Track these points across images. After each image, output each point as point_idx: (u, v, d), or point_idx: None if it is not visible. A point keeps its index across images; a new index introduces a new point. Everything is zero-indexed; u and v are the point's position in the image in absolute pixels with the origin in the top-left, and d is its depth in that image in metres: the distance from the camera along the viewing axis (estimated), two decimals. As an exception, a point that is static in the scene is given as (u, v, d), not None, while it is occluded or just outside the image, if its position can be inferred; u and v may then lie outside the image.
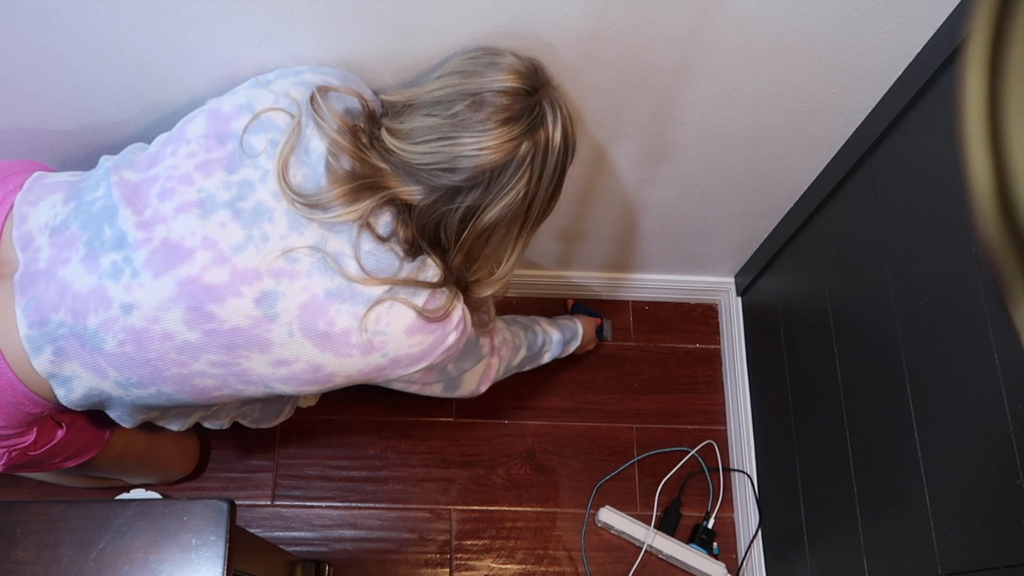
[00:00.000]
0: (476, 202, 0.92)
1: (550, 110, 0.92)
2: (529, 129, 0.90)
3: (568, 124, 0.94)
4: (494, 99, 0.89)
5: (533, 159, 0.92)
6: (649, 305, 1.74)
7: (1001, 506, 0.88)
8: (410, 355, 0.98)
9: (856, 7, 0.95)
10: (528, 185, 0.93)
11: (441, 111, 0.90)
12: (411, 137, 0.91)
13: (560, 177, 0.97)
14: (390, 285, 0.93)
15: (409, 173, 0.92)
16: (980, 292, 0.92)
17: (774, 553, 1.48)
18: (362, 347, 0.94)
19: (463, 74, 0.92)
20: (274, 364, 0.94)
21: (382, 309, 0.93)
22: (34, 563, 0.81)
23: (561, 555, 1.54)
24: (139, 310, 0.90)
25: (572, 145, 0.97)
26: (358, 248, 0.92)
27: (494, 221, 0.94)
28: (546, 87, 0.93)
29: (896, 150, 1.10)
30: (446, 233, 0.95)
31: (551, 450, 1.61)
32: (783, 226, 1.43)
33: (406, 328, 0.95)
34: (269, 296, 0.91)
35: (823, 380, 1.29)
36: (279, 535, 1.51)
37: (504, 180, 0.91)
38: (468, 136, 0.89)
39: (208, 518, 0.84)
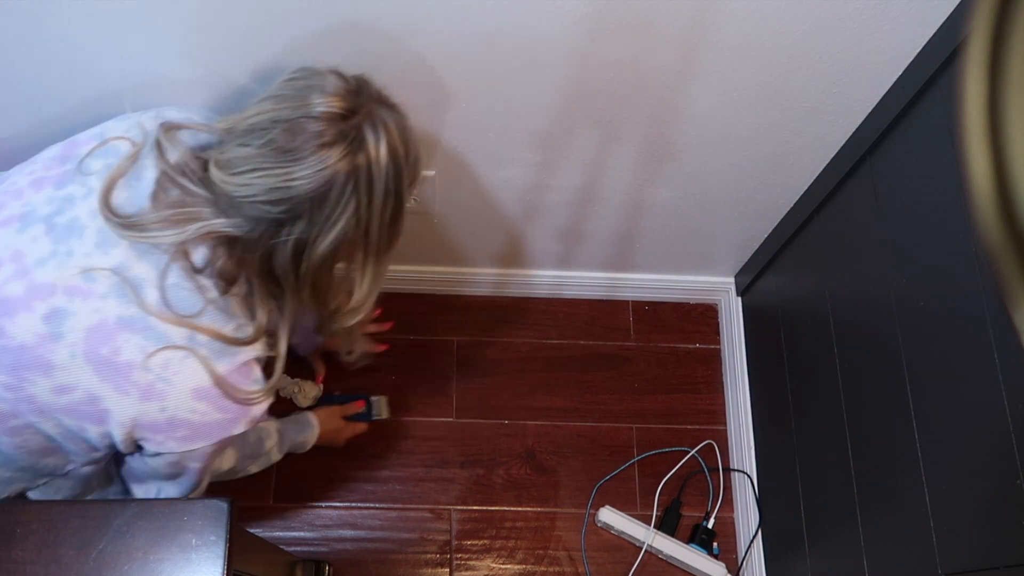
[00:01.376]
0: (303, 234, 0.87)
1: (371, 132, 0.86)
2: (347, 154, 0.85)
3: (397, 144, 0.88)
4: (307, 125, 0.84)
5: (357, 185, 0.86)
6: (649, 305, 1.74)
7: (1001, 506, 0.88)
8: (190, 422, 0.91)
9: (856, 7, 0.95)
10: (358, 212, 0.87)
11: (254, 140, 0.85)
12: (229, 168, 0.86)
13: (397, 200, 0.91)
14: (190, 330, 0.88)
15: (231, 205, 0.87)
16: (980, 292, 0.92)
17: (774, 553, 1.48)
18: (142, 389, 0.88)
19: (278, 99, 0.87)
20: (55, 391, 0.89)
21: (174, 355, 0.87)
22: (34, 563, 0.81)
23: (561, 555, 1.54)
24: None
25: (407, 165, 0.91)
26: (164, 277, 0.87)
27: (329, 251, 0.89)
28: (368, 108, 0.87)
29: (896, 150, 1.10)
30: (282, 268, 0.90)
31: (551, 450, 1.61)
32: (783, 226, 1.43)
33: (194, 388, 0.89)
34: (58, 313, 0.87)
35: (823, 380, 1.29)
36: (279, 535, 1.51)
37: (328, 210, 0.86)
38: (281, 167, 0.84)
39: (208, 518, 0.84)
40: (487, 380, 1.65)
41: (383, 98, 0.91)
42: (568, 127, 1.17)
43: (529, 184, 1.32)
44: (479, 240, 1.52)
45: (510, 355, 1.68)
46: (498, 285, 1.68)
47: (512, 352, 1.68)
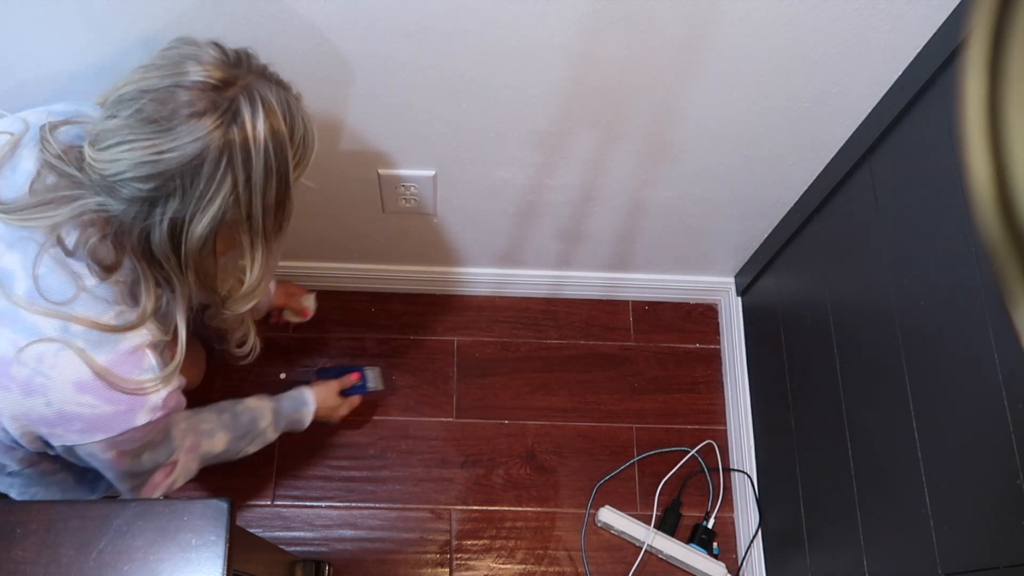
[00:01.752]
0: (178, 213, 0.82)
1: (247, 104, 0.81)
2: (220, 126, 0.80)
3: (279, 121, 0.84)
4: (179, 95, 0.79)
5: (232, 161, 0.81)
6: (649, 305, 1.74)
7: (1001, 506, 0.88)
8: (81, 416, 0.87)
9: (856, 7, 0.95)
10: (236, 190, 0.83)
11: (123, 111, 0.80)
12: (97, 143, 0.82)
13: (281, 180, 0.86)
14: (63, 320, 0.83)
15: (104, 186, 0.82)
16: (980, 292, 0.92)
17: (774, 553, 1.48)
18: (21, 384, 0.84)
19: (150, 68, 0.82)
20: None
21: (47, 349, 0.83)
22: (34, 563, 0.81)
23: (561, 555, 1.54)
24: None
25: (293, 145, 0.86)
26: (35, 266, 0.83)
27: (207, 232, 0.84)
28: (247, 79, 0.82)
29: (896, 150, 1.10)
30: (161, 251, 0.85)
31: (551, 450, 1.61)
32: (783, 226, 1.43)
33: (75, 381, 0.85)
34: None
35: (823, 380, 1.29)
36: (279, 535, 1.51)
37: (201, 187, 0.81)
38: (148, 139, 0.79)
39: (208, 518, 0.84)
40: (487, 380, 1.65)
41: (267, 73, 0.86)
42: (568, 127, 1.17)
43: (529, 184, 1.32)
44: (479, 240, 1.52)
45: (510, 355, 1.68)
46: (498, 285, 1.68)
47: (512, 352, 1.68)
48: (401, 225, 1.46)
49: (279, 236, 0.92)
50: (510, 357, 1.68)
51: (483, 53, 1.02)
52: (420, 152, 1.24)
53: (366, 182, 1.32)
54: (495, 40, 1.00)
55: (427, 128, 1.18)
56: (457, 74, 1.06)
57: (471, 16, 0.96)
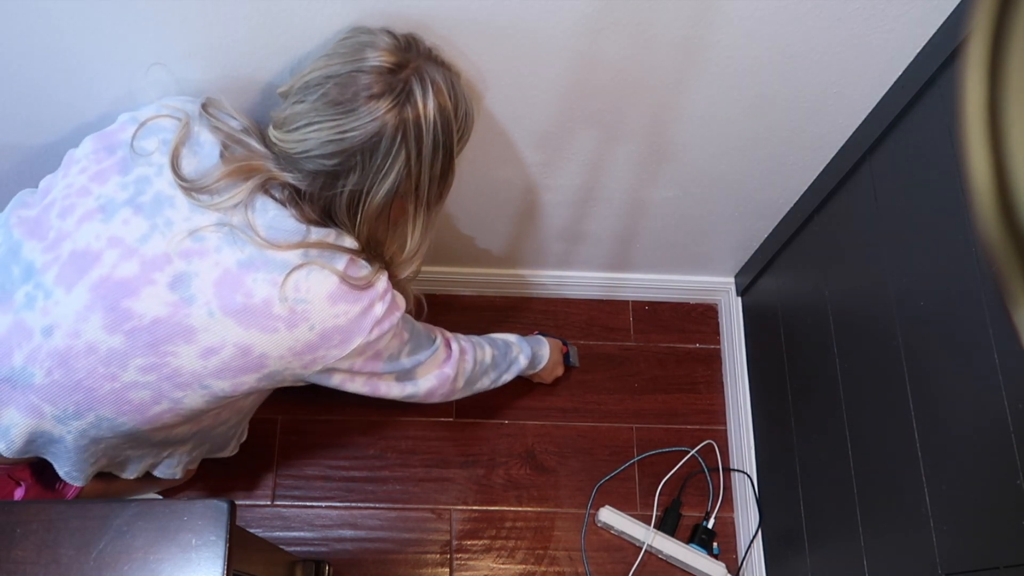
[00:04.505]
0: (357, 186, 0.92)
1: (419, 85, 0.89)
2: (395, 106, 0.88)
3: (446, 99, 0.92)
4: (357, 79, 0.87)
5: (405, 137, 0.89)
6: (649, 305, 1.74)
7: (1001, 506, 0.88)
8: (337, 327, 0.95)
9: (855, 7, 0.95)
10: (408, 164, 0.91)
11: (309, 96, 0.89)
12: (285, 125, 0.91)
13: (447, 154, 0.95)
14: (304, 249, 0.92)
15: (290, 161, 0.91)
16: (980, 292, 0.92)
17: (774, 553, 1.48)
18: (286, 319, 0.92)
19: (331, 56, 0.90)
20: (202, 355, 0.92)
21: (300, 275, 0.91)
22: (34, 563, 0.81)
23: (561, 555, 1.54)
24: (59, 329, 0.89)
25: (456, 120, 0.94)
26: (264, 215, 0.92)
27: (382, 203, 0.93)
28: (417, 62, 0.90)
29: (896, 150, 1.10)
30: (340, 217, 0.95)
31: (551, 450, 1.61)
32: (783, 226, 1.43)
33: (328, 294, 0.93)
34: (182, 278, 0.90)
35: (823, 380, 1.29)
36: (279, 535, 1.51)
37: (378, 161, 0.90)
38: (333, 120, 0.88)
39: (208, 518, 0.84)
40: (487, 380, 1.65)
41: (433, 55, 0.93)
42: (568, 127, 1.17)
43: (529, 184, 1.32)
44: (479, 240, 1.52)
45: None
46: (498, 285, 1.68)
47: (512, 352, 1.68)
48: (401, 225, 1.46)
49: (439, 205, 1.00)
50: (510, 357, 1.67)
51: (483, 53, 1.02)
52: (420, 152, 1.24)
53: (366, 182, 1.32)
54: (495, 40, 1.00)
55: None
56: (457, 74, 1.06)
57: (471, 16, 0.96)
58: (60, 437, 0.96)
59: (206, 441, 1.18)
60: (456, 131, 0.94)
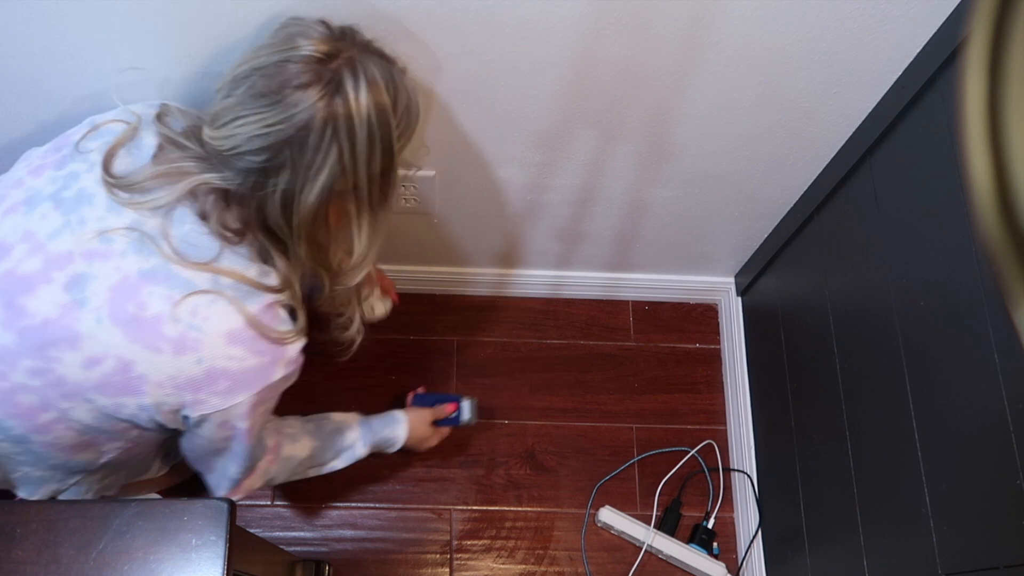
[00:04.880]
0: (289, 184, 0.86)
1: (351, 76, 0.84)
2: (323, 97, 0.83)
3: (382, 92, 0.86)
4: (284, 69, 0.83)
5: (336, 131, 0.84)
6: (649, 305, 1.74)
7: (1001, 506, 0.88)
8: (227, 371, 0.89)
9: (855, 7, 0.95)
10: (342, 161, 0.86)
11: (237, 90, 0.85)
12: (216, 121, 0.86)
13: (386, 151, 0.88)
14: (213, 274, 0.88)
15: (221, 160, 0.87)
16: (980, 292, 0.92)
17: (774, 553, 1.48)
18: (174, 341, 0.87)
19: (260, 47, 0.86)
20: (85, 365, 0.88)
21: (202, 301, 0.87)
22: (34, 563, 0.81)
23: (561, 555, 1.54)
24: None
25: (396, 116, 0.88)
26: (181, 227, 0.88)
27: (317, 202, 0.87)
28: (351, 52, 0.85)
29: (896, 150, 1.10)
30: (275, 221, 0.89)
31: (551, 450, 1.61)
32: (783, 226, 1.43)
33: (227, 332, 0.88)
34: (80, 279, 0.87)
35: (823, 380, 1.29)
36: (279, 535, 1.51)
37: (308, 156, 0.85)
38: (259, 112, 0.83)
39: (208, 518, 0.84)
40: (487, 380, 1.65)
41: (371, 47, 0.88)
42: (568, 127, 1.17)
43: (529, 184, 1.32)
44: (479, 240, 1.52)
45: (510, 355, 1.68)
46: (498, 285, 1.68)
47: (512, 352, 1.68)
48: (401, 225, 1.46)
49: (385, 206, 0.95)
50: (510, 357, 1.68)
51: (483, 53, 1.02)
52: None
53: (366, 182, 1.32)
54: (495, 40, 1.00)
55: (427, 128, 1.17)
56: (457, 74, 1.06)
57: (471, 16, 0.96)
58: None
59: (120, 470, 1.11)
60: (396, 127, 0.88)
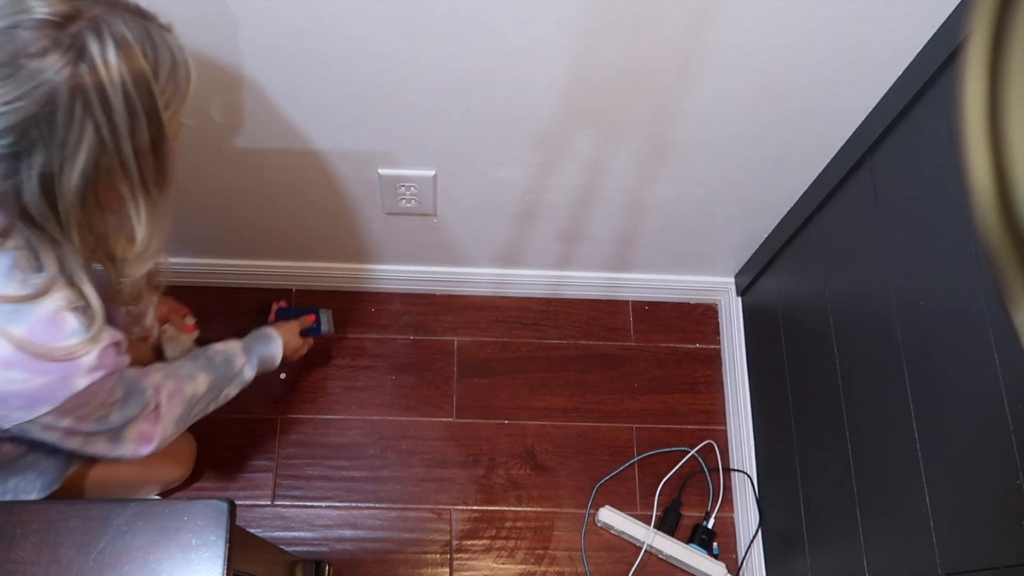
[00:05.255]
0: (46, 167, 0.75)
1: (96, 40, 0.73)
2: (66, 65, 0.72)
3: (137, 55, 0.75)
4: (15, 36, 0.71)
5: (88, 103, 0.73)
6: (649, 305, 1.74)
7: (1001, 506, 0.88)
8: (14, 392, 0.82)
9: (856, 7, 0.95)
10: (99, 135, 0.75)
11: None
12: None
13: (152, 121, 0.78)
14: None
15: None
16: (980, 292, 0.92)
17: (774, 553, 1.48)
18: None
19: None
20: None
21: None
22: (34, 563, 0.81)
23: (561, 555, 1.54)
24: None
25: (159, 80, 0.78)
26: None
27: (81, 184, 0.77)
28: (94, 11, 0.74)
29: (896, 150, 1.10)
30: (38, 209, 0.78)
31: (551, 450, 1.61)
32: (783, 226, 1.43)
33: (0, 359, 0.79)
34: None
35: (823, 380, 1.29)
36: (279, 535, 1.51)
37: (60, 134, 0.74)
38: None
39: (208, 518, 0.84)
40: (487, 380, 1.65)
41: (122, 4, 0.77)
42: (568, 127, 1.17)
43: (529, 184, 1.32)
44: (479, 240, 1.52)
45: (510, 355, 1.68)
46: (498, 285, 1.68)
47: (512, 352, 1.68)
48: (401, 225, 1.46)
49: (163, 186, 0.84)
50: (510, 357, 1.68)
51: (484, 53, 1.02)
52: (420, 152, 1.24)
53: (366, 182, 1.32)
54: (495, 40, 1.00)
55: (427, 128, 1.18)
56: (457, 74, 1.06)
57: (472, 16, 0.96)
58: None
59: (21, 472, 1.05)
60: (160, 92, 0.78)
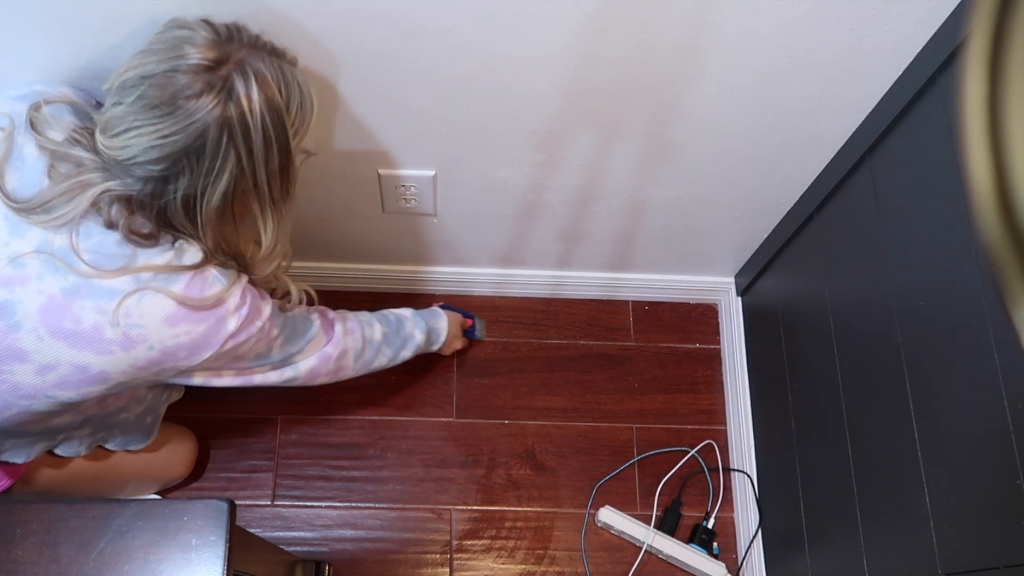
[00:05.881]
0: (189, 189, 0.87)
1: (241, 80, 0.85)
2: (217, 104, 0.84)
3: (274, 91, 0.87)
4: (174, 79, 0.83)
5: (232, 136, 0.85)
6: (649, 305, 1.74)
7: (1001, 506, 0.88)
8: (181, 345, 0.93)
9: (856, 7, 0.95)
10: (240, 163, 0.87)
11: (126, 98, 0.84)
12: (108, 130, 0.86)
13: (282, 148, 0.90)
14: (133, 274, 0.89)
15: (119, 167, 0.87)
16: (980, 292, 0.92)
17: (774, 553, 1.48)
18: (120, 342, 0.90)
19: (146, 53, 0.85)
20: (39, 372, 0.91)
21: (131, 301, 0.89)
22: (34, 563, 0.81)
23: (561, 555, 1.54)
24: None
25: (290, 113, 0.90)
26: (89, 240, 0.88)
27: (220, 204, 0.89)
28: (239, 55, 0.85)
29: (896, 150, 1.10)
30: (179, 222, 0.91)
31: (551, 450, 1.61)
32: (783, 226, 1.43)
33: (165, 318, 0.91)
34: (6, 306, 0.88)
35: (823, 380, 1.29)
36: (279, 535, 1.51)
37: (207, 163, 0.86)
38: (152, 124, 0.83)
39: (208, 518, 0.84)
40: (487, 380, 1.65)
41: (259, 44, 0.88)
42: (568, 127, 1.17)
43: (529, 184, 1.32)
44: (479, 240, 1.52)
45: (510, 355, 1.68)
46: (498, 285, 1.68)
47: (512, 352, 1.68)
48: (401, 225, 1.46)
49: (288, 200, 0.97)
50: (510, 357, 1.67)
51: (484, 53, 1.02)
52: (420, 152, 1.24)
53: (366, 182, 1.32)
54: (495, 40, 1.00)
55: (427, 128, 1.17)
56: (457, 74, 1.06)
57: (472, 16, 0.96)
58: None
59: (107, 427, 1.15)
60: (291, 124, 0.90)
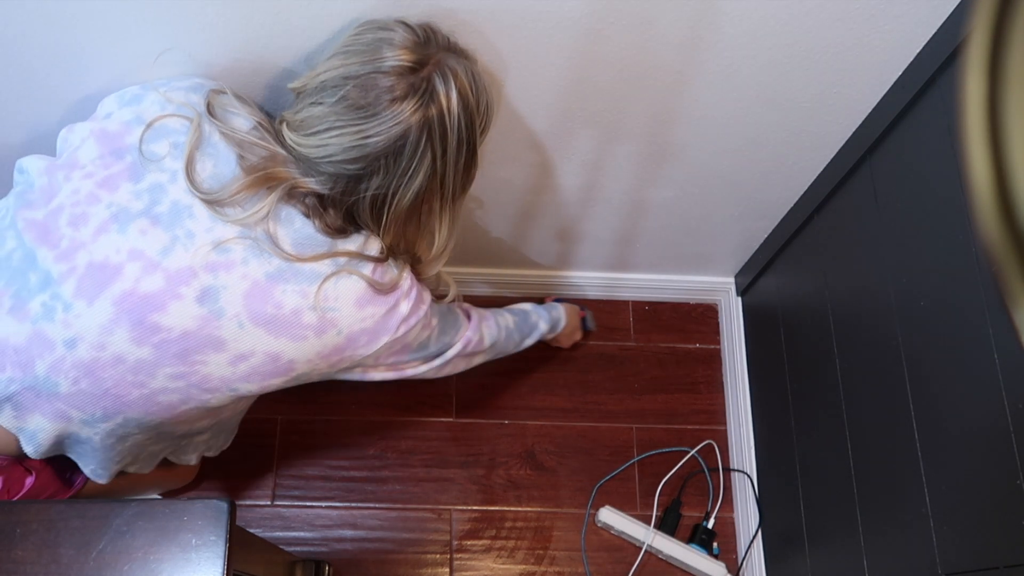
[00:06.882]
0: (380, 189, 0.90)
1: (441, 83, 0.86)
2: (419, 107, 0.85)
3: (468, 91, 0.89)
4: (377, 81, 0.84)
5: (430, 137, 0.87)
6: (649, 305, 1.74)
7: (1001, 506, 0.88)
8: (364, 329, 0.96)
9: (856, 7, 0.95)
10: (433, 164, 0.89)
11: (327, 99, 0.86)
12: (303, 128, 0.88)
13: (470, 147, 0.92)
14: (332, 259, 0.92)
15: (309, 164, 0.89)
16: (980, 292, 0.92)
17: (774, 553, 1.48)
18: (315, 327, 0.92)
19: (347, 54, 0.87)
20: (232, 362, 0.92)
21: (330, 284, 0.91)
22: (34, 563, 0.81)
23: (561, 555, 1.54)
24: (83, 341, 0.88)
25: (479, 112, 0.92)
26: (290, 226, 0.90)
27: (408, 204, 0.92)
28: (437, 57, 0.87)
29: (896, 150, 1.10)
30: (364, 220, 0.93)
31: (551, 450, 1.61)
32: (783, 226, 1.43)
33: (356, 299, 0.93)
34: (210, 292, 0.89)
35: (823, 380, 1.29)
36: (279, 535, 1.51)
37: (403, 164, 0.88)
38: (355, 124, 0.85)
39: (208, 518, 0.84)
40: (487, 380, 1.65)
41: (452, 46, 0.90)
42: (568, 127, 1.17)
43: (529, 184, 1.32)
44: (479, 240, 1.52)
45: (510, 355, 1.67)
46: (498, 285, 1.68)
47: (512, 352, 1.68)
48: (401, 225, 1.46)
49: (463, 197, 0.99)
50: (510, 357, 1.67)
51: (483, 52, 1.02)
52: (420, 152, 1.24)
53: (366, 182, 1.32)
54: (495, 40, 1.00)
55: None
56: (457, 74, 1.06)
57: (471, 16, 0.96)
58: (87, 438, 0.96)
59: (222, 431, 1.20)
60: (479, 123, 0.92)
